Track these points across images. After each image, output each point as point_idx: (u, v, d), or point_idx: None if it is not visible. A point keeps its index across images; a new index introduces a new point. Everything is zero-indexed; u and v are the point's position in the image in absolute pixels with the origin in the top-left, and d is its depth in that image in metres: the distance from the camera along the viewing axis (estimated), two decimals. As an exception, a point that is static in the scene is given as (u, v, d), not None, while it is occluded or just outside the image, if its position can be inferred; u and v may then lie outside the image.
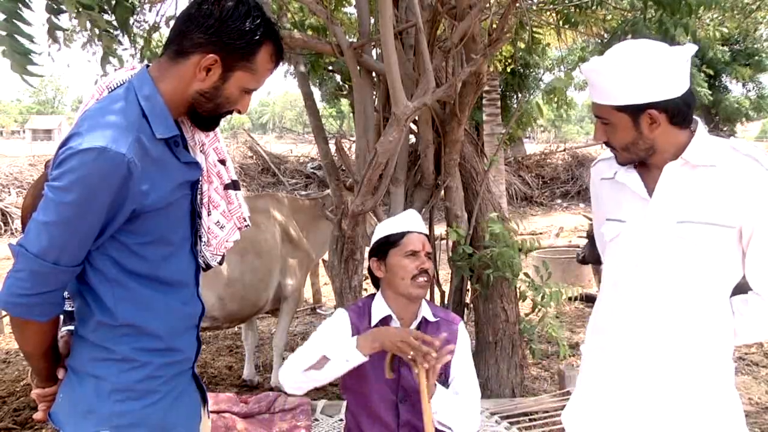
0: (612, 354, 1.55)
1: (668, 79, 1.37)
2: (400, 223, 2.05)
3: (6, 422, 3.56)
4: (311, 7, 3.06)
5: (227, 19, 1.27)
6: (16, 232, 11.61)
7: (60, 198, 1.18)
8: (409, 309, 1.99)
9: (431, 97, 2.67)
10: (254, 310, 3.86)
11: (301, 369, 1.82)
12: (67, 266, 1.22)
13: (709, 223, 1.41)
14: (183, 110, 1.34)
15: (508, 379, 3.43)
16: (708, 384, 1.47)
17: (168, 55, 1.32)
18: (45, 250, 1.19)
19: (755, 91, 18.90)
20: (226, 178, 1.51)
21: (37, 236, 1.20)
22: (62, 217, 1.18)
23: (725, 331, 1.49)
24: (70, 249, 1.21)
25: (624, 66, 1.37)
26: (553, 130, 36.11)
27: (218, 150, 1.49)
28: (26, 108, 70.47)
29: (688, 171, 1.44)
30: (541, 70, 15.43)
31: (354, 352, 1.78)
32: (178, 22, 1.32)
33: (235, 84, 1.32)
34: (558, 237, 9.87)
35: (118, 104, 1.26)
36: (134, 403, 1.31)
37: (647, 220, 1.47)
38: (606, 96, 1.41)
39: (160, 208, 1.28)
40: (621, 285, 1.54)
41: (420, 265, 1.95)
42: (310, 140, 15.88)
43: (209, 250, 1.50)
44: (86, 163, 1.16)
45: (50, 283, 1.22)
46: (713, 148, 1.43)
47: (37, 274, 1.21)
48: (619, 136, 1.44)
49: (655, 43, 1.39)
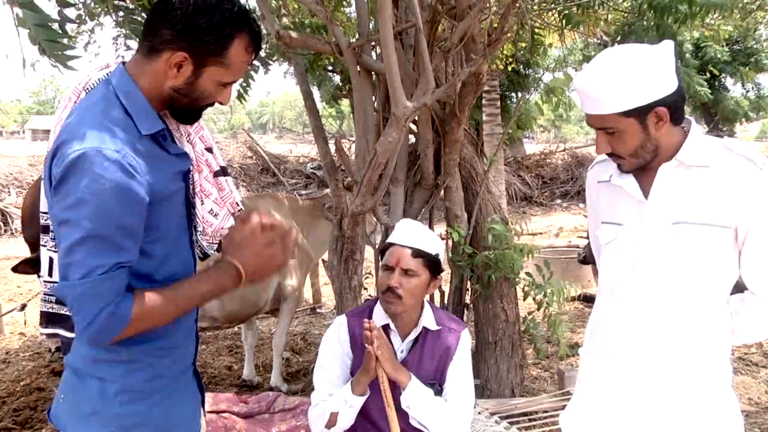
0: (610, 357, 1.55)
1: (665, 74, 1.38)
2: (395, 232, 2.03)
3: (6, 422, 3.56)
4: (311, 7, 3.06)
5: (194, 14, 1.22)
6: (15, 232, 11.60)
7: (77, 215, 1.14)
8: (404, 318, 1.97)
9: (431, 97, 2.67)
10: (254, 310, 3.86)
11: (324, 429, 1.92)
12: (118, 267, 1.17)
13: (704, 224, 1.41)
14: (163, 105, 1.32)
15: (507, 379, 3.43)
16: (706, 385, 1.47)
17: (142, 51, 1.29)
18: (87, 271, 1.14)
19: (754, 91, 18.89)
20: (215, 166, 1.49)
21: (73, 263, 1.15)
22: (84, 234, 1.14)
23: (723, 331, 1.49)
24: (109, 254, 1.17)
25: (623, 71, 1.37)
26: (552, 130, 36.07)
27: (204, 138, 1.47)
28: (26, 108, 70.37)
29: (683, 172, 1.44)
30: (541, 70, 15.42)
31: (352, 397, 1.87)
32: (149, 17, 1.28)
33: (209, 79, 1.29)
34: (558, 237, 9.87)
35: (100, 105, 1.24)
36: (140, 404, 1.31)
37: (643, 222, 1.47)
38: (610, 105, 1.40)
39: (162, 200, 1.27)
40: (618, 288, 1.54)
41: (386, 281, 1.92)
42: (310, 140, 15.86)
43: (205, 239, 1.49)
44: (86, 170, 1.14)
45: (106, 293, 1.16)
46: (707, 148, 1.43)
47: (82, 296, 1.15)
48: (628, 142, 1.43)
49: (639, 45, 1.40)
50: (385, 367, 1.82)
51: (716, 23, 4.23)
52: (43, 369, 4.45)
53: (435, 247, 1.99)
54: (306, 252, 4.12)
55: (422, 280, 1.93)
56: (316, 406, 1.96)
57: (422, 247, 1.95)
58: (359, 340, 1.94)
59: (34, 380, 4.25)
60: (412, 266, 1.92)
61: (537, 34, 4.75)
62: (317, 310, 6.08)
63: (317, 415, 1.94)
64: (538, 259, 4.38)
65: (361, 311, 2.06)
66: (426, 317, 1.99)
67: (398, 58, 2.66)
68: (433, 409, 1.87)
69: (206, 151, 1.47)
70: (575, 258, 5.99)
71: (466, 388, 1.98)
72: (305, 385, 3.90)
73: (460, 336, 2.01)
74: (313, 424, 1.97)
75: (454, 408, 1.92)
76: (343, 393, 1.90)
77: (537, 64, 14.15)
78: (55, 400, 1.38)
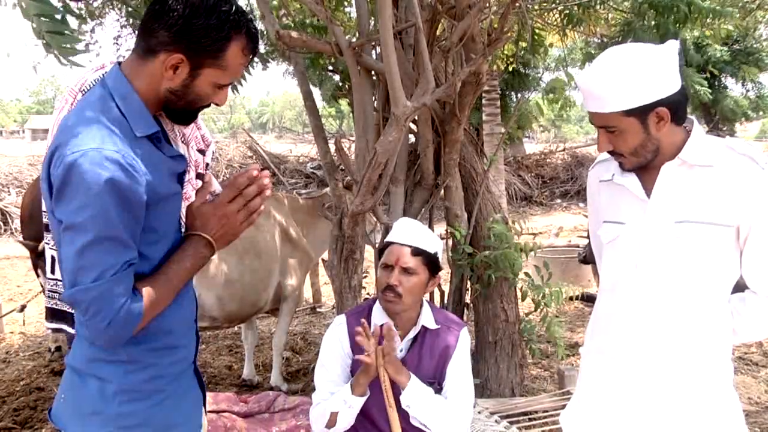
0: (611, 356, 1.55)
1: (668, 74, 1.38)
2: (394, 231, 2.03)
3: (6, 422, 3.56)
4: (311, 7, 3.06)
5: (191, 17, 1.21)
6: (15, 232, 11.59)
7: (82, 218, 1.14)
8: (403, 317, 1.98)
9: (431, 97, 2.67)
10: (254, 310, 3.86)
11: (325, 429, 1.92)
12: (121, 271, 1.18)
13: (707, 223, 1.41)
14: (159, 106, 1.32)
15: (507, 379, 3.43)
16: (707, 384, 1.47)
17: (137, 52, 1.28)
18: (99, 273, 1.15)
19: (754, 91, 18.88)
20: (201, 168, 1.48)
21: (84, 267, 1.16)
22: (92, 236, 1.15)
23: (724, 330, 1.49)
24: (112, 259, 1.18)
25: (626, 70, 1.37)
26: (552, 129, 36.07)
27: (198, 140, 1.46)
28: (26, 108, 70.40)
29: (686, 171, 1.44)
30: (541, 70, 15.42)
31: (351, 397, 1.87)
32: (145, 18, 1.27)
33: (205, 81, 1.29)
34: (557, 237, 9.87)
35: (96, 107, 1.24)
36: (140, 404, 1.31)
37: (646, 221, 1.47)
38: (611, 103, 1.40)
39: (159, 201, 1.27)
40: (620, 287, 1.54)
41: (386, 279, 1.92)
42: (310, 140, 15.87)
43: None
44: (87, 171, 1.14)
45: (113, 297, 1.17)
46: (710, 147, 1.44)
47: (98, 299, 1.16)
48: (629, 141, 1.44)
49: (642, 45, 1.41)
50: (388, 368, 1.83)
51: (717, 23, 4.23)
52: (43, 369, 4.45)
53: (434, 246, 1.99)
54: (306, 251, 4.12)
55: (421, 278, 1.94)
56: (318, 406, 1.96)
57: (421, 246, 1.95)
58: (354, 340, 1.95)
59: (34, 380, 4.25)
60: (411, 264, 1.92)
61: (537, 35, 4.75)
62: (317, 309, 6.08)
63: (318, 415, 1.94)
64: (537, 259, 4.39)
65: (361, 310, 2.06)
66: (425, 316, 1.99)
67: (398, 57, 2.66)
68: (434, 407, 1.87)
69: (198, 152, 1.46)
70: (575, 258, 5.99)
71: (466, 386, 1.99)
72: (305, 384, 3.91)
73: (459, 335, 2.02)
74: (314, 423, 1.97)
75: (454, 406, 1.92)
76: (342, 393, 1.90)
77: (537, 64, 14.16)
78: (56, 399, 1.38)
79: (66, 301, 1.19)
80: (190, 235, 1.34)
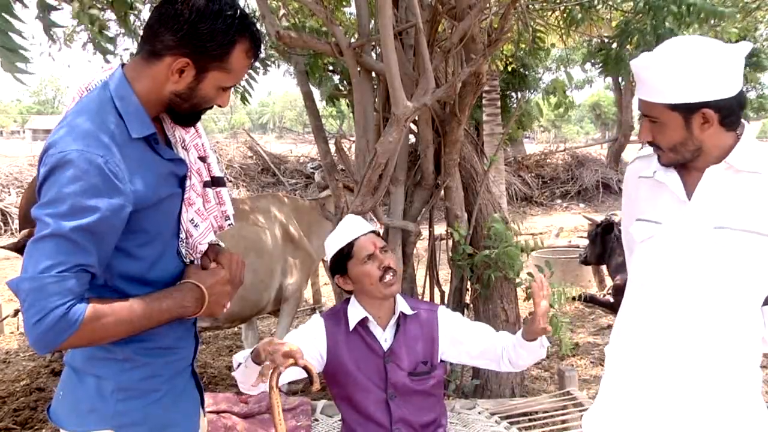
0: (637, 357, 1.51)
1: (724, 77, 1.33)
2: (343, 234, 2.03)
3: (6, 422, 3.56)
4: (311, 7, 3.06)
5: (198, 21, 1.23)
6: (15, 232, 11.59)
7: (50, 212, 1.14)
8: (385, 307, 2.02)
9: (431, 97, 2.67)
10: (255, 310, 3.86)
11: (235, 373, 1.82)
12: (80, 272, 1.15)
13: (747, 231, 1.36)
14: (161, 109, 1.33)
15: (507, 379, 3.43)
16: (734, 390, 1.44)
17: (142, 55, 1.29)
18: (46, 267, 1.12)
19: (755, 91, 18.89)
20: (206, 176, 1.47)
21: (34, 257, 1.13)
22: (51, 231, 1.13)
23: (754, 338, 1.45)
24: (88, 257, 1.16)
25: (680, 63, 1.32)
26: (553, 130, 36.10)
27: (198, 147, 1.46)
28: (26, 108, 70.45)
29: (731, 176, 1.39)
30: (541, 70, 15.41)
31: (251, 362, 1.67)
32: (150, 21, 1.28)
33: (210, 84, 1.30)
34: (558, 237, 9.86)
35: (92, 106, 1.24)
36: (136, 402, 1.32)
37: (683, 223, 1.43)
38: (658, 94, 1.36)
39: (151, 204, 1.27)
40: (650, 287, 1.49)
41: (380, 264, 1.95)
42: (310, 140, 15.86)
43: (186, 247, 1.46)
44: (66, 170, 1.14)
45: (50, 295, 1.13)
46: (760, 154, 1.39)
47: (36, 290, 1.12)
48: (668, 135, 1.39)
49: (710, 40, 1.35)
50: (542, 319, 1.98)
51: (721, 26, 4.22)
52: (43, 369, 4.45)
53: (372, 225, 2.14)
54: (308, 252, 4.11)
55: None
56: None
57: (371, 228, 2.05)
58: (332, 340, 1.98)
59: (34, 380, 4.25)
60: (383, 244, 2.02)
61: (538, 37, 4.75)
62: (317, 310, 6.08)
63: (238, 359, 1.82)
64: (538, 259, 4.39)
65: (337, 311, 2.07)
66: (400, 304, 2.04)
67: (398, 58, 2.66)
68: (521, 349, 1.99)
69: (199, 159, 1.46)
70: (575, 258, 5.98)
71: (476, 323, 2.15)
72: (305, 385, 3.90)
73: (437, 313, 2.08)
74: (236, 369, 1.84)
75: (489, 331, 2.06)
76: (247, 352, 1.75)
77: (536, 65, 14.15)
78: (55, 397, 1.39)
79: (10, 287, 1.15)
80: (187, 282, 1.34)
